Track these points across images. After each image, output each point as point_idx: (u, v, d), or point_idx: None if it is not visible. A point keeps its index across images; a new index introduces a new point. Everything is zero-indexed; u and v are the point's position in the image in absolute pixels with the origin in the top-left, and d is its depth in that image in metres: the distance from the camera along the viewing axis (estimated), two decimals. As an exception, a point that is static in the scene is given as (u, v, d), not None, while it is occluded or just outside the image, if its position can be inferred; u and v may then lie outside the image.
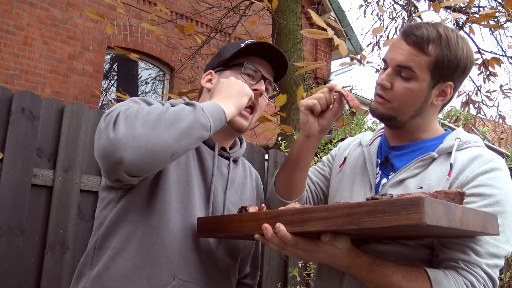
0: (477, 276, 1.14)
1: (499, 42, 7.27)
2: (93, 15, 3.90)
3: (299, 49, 4.84)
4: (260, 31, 7.10)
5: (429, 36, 1.27)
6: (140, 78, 7.51)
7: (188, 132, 1.12)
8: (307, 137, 1.42)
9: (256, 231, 1.14)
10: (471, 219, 1.02)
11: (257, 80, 1.44)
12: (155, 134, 1.07)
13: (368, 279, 1.15)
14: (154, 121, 1.08)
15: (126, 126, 1.07)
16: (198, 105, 1.18)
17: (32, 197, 2.29)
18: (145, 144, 1.06)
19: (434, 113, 1.37)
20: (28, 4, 6.19)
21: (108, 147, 1.06)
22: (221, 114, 1.22)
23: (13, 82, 5.96)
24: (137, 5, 7.06)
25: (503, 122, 6.14)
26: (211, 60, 1.57)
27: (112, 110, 1.15)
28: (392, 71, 1.30)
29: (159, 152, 1.08)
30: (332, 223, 1.01)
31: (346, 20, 8.82)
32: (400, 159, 1.36)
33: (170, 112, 1.12)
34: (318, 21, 2.87)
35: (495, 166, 1.24)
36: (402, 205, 0.93)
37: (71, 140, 2.40)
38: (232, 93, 1.30)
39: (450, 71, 1.29)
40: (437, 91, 1.32)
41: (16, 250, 2.20)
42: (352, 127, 4.25)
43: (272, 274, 3.09)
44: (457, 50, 1.28)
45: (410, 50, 1.28)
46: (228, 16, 5.63)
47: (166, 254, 1.27)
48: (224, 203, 1.41)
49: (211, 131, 1.18)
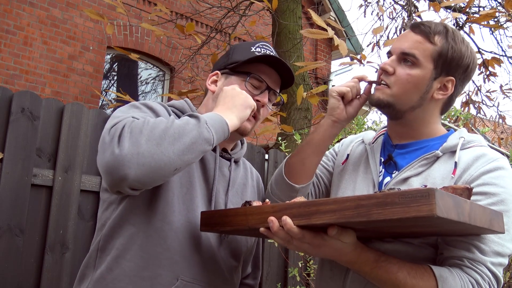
0: (482, 274, 1.14)
1: (499, 42, 7.27)
2: (93, 15, 3.90)
3: (299, 49, 4.83)
4: (260, 31, 7.10)
5: (436, 28, 1.31)
6: (140, 78, 7.51)
7: (191, 148, 1.13)
8: (334, 122, 1.44)
9: (261, 224, 1.13)
10: (478, 215, 1.02)
11: (262, 91, 1.44)
12: (160, 150, 1.08)
13: (373, 275, 1.14)
14: (159, 137, 1.09)
15: (131, 142, 1.08)
16: (202, 119, 1.18)
17: (32, 197, 2.29)
18: (150, 161, 1.08)
19: (434, 108, 1.36)
20: (28, 4, 6.19)
21: (113, 163, 1.07)
22: (224, 127, 1.23)
23: (13, 82, 5.96)
24: (137, 5, 7.06)
25: (503, 122, 6.13)
26: (220, 59, 1.55)
27: (117, 122, 1.14)
28: (396, 58, 1.33)
29: (163, 168, 1.10)
30: (340, 216, 1.00)
31: (346, 20, 8.82)
32: (404, 158, 1.36)
33: (175, 127, 1.12)
34: (318, 21, 2.87)
35: (500, 165, 1.24)
36: (413, 197, 0.92)
37: (71, 140, 2.40)
38: (236, 104, 1.31)
39: (453, 65, 1.30)
40: (438, 84, 1.32)
41: (16, 250, 2.20)
42: (352, 127, 4.26)
43: (272, 274, 3.09)
44: (461, 46, 1.31)
45: (416, 38, 1.31)
46: (228, 16, 5.63)
47: (169, 255, 1.27)
48: (226, 204, 1.42)
49: (213, 144, 1.19)
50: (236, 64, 1.44)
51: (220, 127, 1.22)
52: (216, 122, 1.22)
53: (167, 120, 1.14)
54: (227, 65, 1.47)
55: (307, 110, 4.65)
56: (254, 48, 1.46)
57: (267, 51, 1.45)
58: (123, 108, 1.27)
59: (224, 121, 1.24)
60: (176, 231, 1.28)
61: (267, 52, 1.45)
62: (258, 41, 1.50)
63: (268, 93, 1.45)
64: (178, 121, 1.16)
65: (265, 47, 1.48)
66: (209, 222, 1.26)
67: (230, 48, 1.55)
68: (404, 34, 1.36)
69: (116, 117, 1.18)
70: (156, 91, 7.61)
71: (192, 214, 1.31)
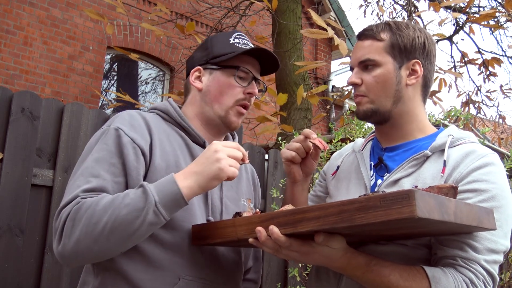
0: (476, 272, 1.13)
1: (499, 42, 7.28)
2: (93, 15, 3.90)
3: (299, 49, 4.83)
4: (260, 31, 7.10)
5: (379, 27, 1.37)
6: (140, 78, 7.51)
7: (134, 236, 1.17)
8: (293, 183, 1.50)
9: (250, 235, 1.14)
10: (465, 213, 1.02)
11: (249, 82, 1.45)
12: (98, 247, 1.15)
13: (365, 279, 1.14)
14: (98, 233, 1.14)
15: (70, 241, 1.15)
16: (150, 199, 1.14)
17: (32, 197, 2.28)
18: (89, 254, 1.16)
19: (415, 96, 1.37)
20: (28, 4, 6.19)
21: (58, 257, 1.19)
22: (179, 201, 1.17)
23: (13, 82, 5.96)
24: (137, 5, 7.06)
25: (503, 122, 6.14)
26: (196, 53, 1.52)
27: (61, 210, 1.20)
28: (358, 69, 1.37)
29: (106, 256, 1.20)
30: (324, 222, 1.01)
31: (346, 20, 8.82)
32: (394, 160, 1.36)
33: (118, 219, 1.14)
34: (318, 20, 2.87)
35: (489, 161, 1.23)
36: (393, 199, 0.92)
37: (71, 140, 2.40)
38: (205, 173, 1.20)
39: (409, 49, 1.34)
40: (406, 71, 1.35)
41: (16, 250, 2.20)
42: (352, 127, 4.25)
43: (272, 274, 3.09)
44: (408, 31, 1.35)
45: (365, 44, 1.36)
46: (228, 16, 5.63)
47: (169, 256, 1.27)
48: (222, 199, 1.41)
49: (166, 219, 1.18)
50: (221, 59, 1.44)
51: (175, 203, 1.17)
52: (168, 196, 1.16)
53: (112, 208, 1.14)
54: (209, 59, 1.46)
55: (307, 110, 4.65)
56: (232, 39, 1.46)
57: (245, 41, 1.47)
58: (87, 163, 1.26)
59: (179, 194, 1.16)
60: (174, 231, 1.28)
61: (246, 43, 1.47)
62: (233, 32, 1.50)
63: (254, 86, 1.46)
64: (123, 209, 1.14)
65: (242, 37, 1.49)
66: (200, 235, 1.27)
67: (205, 41, 1.52)
68: (355, 46, 1.41)
69: (68, 191, 1.23)
70: (156, 91, 7.60)
71: (189, 213, 1.31)
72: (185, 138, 1.41)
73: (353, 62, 1.39)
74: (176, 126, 1.43)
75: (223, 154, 1.20)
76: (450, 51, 5.99)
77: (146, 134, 1.32)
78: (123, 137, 1.27)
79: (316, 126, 7.82)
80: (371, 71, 1.34)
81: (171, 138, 1.38)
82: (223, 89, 1.43)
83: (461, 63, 5.35)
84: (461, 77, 4.68)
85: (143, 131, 1.32)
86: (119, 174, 1.25)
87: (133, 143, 1.28)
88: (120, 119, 1.32)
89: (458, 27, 5.31)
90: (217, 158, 1.19)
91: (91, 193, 1.20)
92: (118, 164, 1.25)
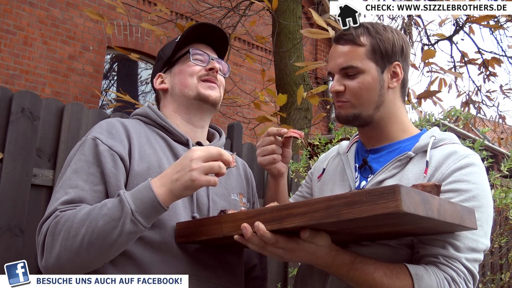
0: (457, 270, 1.16)
1: (499, 42, 7.28)
2: (93, 15, 3.90)
3: (299, 49, 4.83)
4: (260, 31, 7.10)
5: (358, 31, 1.35)
6: (140, 78, 7.51)
7: (116, 245, 1.16)
8: (279, 177, 1.52)
9: (235, 232, 1.13)
10: (448, 211, 1.04)
11: (208, 61, 1.48)
12: (80, 259, 1.16)
13: (349, 277, 1.15)
14: (77, 246, 1.15)
15: (52, 256, 1.17)
16: (127, 208, 1.14)
17: (32, 197, 2.28)
18: (73, 266, 1.17)
19: (395, 97, 1.38)
20: (28, 4, 6.19)
21: (44, 272, 1.19)
22: (157, 208, 1.16)
23: (13, 82, 5.96)
24: (137, 5, 7.06)
25: (503, 122, 6.14)
26: (153, 68, 1.59)
27: (42, 225, 1.21)
28: (339, 76, 1.35)
29: (92, 266, 1.19)
30: (311, 218, 1.01)
31: (346, 20, 8.81)
32: (378, 161, 1.37)
33: (95, 231, 1.14)
34: (318, 20, 2.87)
35: (470, 161, 1.25)
36: (380, 194, 0.94)
37: (71, 140, 2.40)
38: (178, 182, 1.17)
39: (390, 53, 1.34)
40: (388, 74, 1.35)
41: (16, 250, 2.20)
42: (352, 127, 4.25)
43: (272, 274, 3.09)
44: (387, 33, 1.35)
45: (345, 50, 1.34)
46: (228, 16, 5.63)
47: (159, 256, 1.26)
48: (209, 195, 1.39)
49: (145, 228, 1.17)
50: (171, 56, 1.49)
51: (151, 208, 1.16)
52: (145, 203, 1.15)
53: (89, 220, 1.15)
54: (165, 62, 1.52)
55: (307, 110, 4.65)
56: (177, 39, 1.51)
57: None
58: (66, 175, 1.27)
59: (156, 201, 1.15)
60: (160, 229, 1.27)
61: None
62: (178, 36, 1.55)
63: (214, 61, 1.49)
64: (100, 220, 1.14)
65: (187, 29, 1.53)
66: (184, 233, 1.26)
67: (158, 54, 1.59)
68: (333, 50, 1.38)
69: (49, 205, 1.24)
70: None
71: (173, 211, 1.30)
72: (167, 139, 1.42)
73: (333, 68, 1.36)
74: (157, 128, 1.44)
75: (197, 163, 1.16)
76: (450, 51, 5.99)
77: (124, 140, 1.33)
78: (100, 146, 1.29)
79: (316, 126, 7.82)
80: (355, 78, 1.33)
81: (152, 140, 1.39)
82: (185, 75, 1.47)
83: (461, 63, 5.35)
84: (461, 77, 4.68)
85: (122, 137, 1.33)
86: (98, 182, 1.25)
87: (111, 150, 1.29)
88: (97, 128, 1.35)
89: (458, 27, 5.31)
90: (190, 168, 1.15)
91: (70, 205, 1.21)
92: (97, 173, 1.26)
